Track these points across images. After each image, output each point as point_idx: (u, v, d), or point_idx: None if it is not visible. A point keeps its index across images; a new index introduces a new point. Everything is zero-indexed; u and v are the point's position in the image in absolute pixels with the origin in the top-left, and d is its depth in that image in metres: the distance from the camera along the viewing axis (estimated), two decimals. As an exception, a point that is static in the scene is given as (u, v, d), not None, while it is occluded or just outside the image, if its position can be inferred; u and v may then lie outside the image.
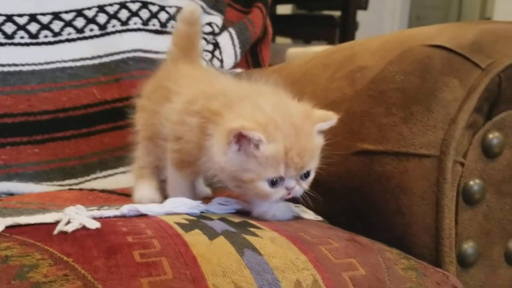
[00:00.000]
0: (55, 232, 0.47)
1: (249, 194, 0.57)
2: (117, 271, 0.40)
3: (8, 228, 0.48)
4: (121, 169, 1.01)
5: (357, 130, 0.59)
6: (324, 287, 0.43)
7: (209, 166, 0.57)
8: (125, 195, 0.75)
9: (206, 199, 0.65)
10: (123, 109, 1.03)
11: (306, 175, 0.55)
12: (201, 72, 0.72)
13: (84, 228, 0.49)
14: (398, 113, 0.56)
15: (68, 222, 0.49)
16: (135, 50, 1.08)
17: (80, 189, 0.79)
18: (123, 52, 1.07)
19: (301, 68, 0.79)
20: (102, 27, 1.07)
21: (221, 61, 1.21)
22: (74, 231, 0.47)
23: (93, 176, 0.99)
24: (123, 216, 0.58)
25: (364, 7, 4.10)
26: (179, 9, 1.14)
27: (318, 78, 0.72)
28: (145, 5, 1.11)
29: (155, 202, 0.65)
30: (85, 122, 1.01)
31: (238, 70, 1.24)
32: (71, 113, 1.00)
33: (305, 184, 0.55)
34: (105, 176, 1.00)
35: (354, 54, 0.69)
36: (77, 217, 0.51)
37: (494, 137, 0.56)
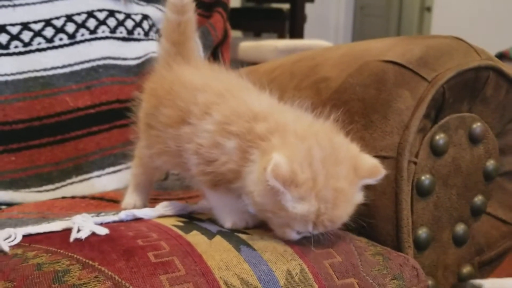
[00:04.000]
0: (71, 239, 0.53)
1: (274, 232, 0.55)
2: (138, 271, 0.47)
3: (24, 237, 0.54)
4: (96, 173, 1.05)
5: (326, 136, 0.68)
6: (310, 274, 0.51)
7: (244, 191, 0.55)
8: (113, 201, 0.81)
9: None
10: (95, 115, 1.07)
11: None
12: (213, 80, 0.63)
13: (93, 234, 0.55)
14: (360, 121, 0.65)
15: (78, 230, 0.55)
16: (104, 58, 1.11)
17: (72, 197, 0.84)
18: (93, 60, 1.10)
19: (268, 75, 0.87)
20: (71, 36, 1.10)
21: (186, 64, 1.27)
22: (86, 238, 0.54)
23: (69, 181, 1.02)
24: (121, 221, 0.64)
25: (311, 0, 4.21)
26: (145, 16, 1.19)
27: (285, 86, 0.80)
28: (112, 14, 1.14)
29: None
30: (60, 129, 1.04)
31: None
32: (45, 121, 1.03)
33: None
34: (80, 181, 1.04)
35: (317, 65, 0.77)
36: (86, 224, 0.57)
37: (440, 138, 0.67)
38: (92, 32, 1.11)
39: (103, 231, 0.55)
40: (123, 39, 1.15)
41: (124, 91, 1.10)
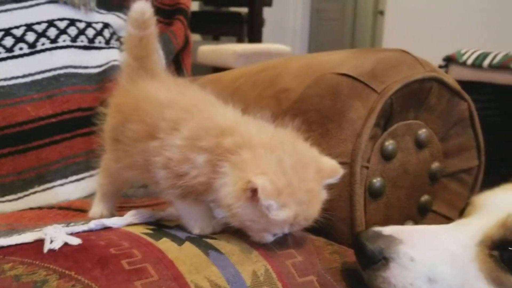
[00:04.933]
0: (45, 250, 0.55)
1: (251, 236, 0.59)
2: (113, 278, 0.49)
3: (-4, 250, 0.55)
4: (59, 182, 1.06)
5: (285, 144, 0.73)
6: (273, 274, 0.56)
7: (217, 203, 0.57)
8: (80, 210, 0.82)
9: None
10: (57, 124, 1.08)
11: None
12: (178, 95, 0.65)
13: (66, 244, 0.57)
14: (317, 130, 0.70)
15: (51, 241, 0.57)
16: (65, 67, 1.12)
17: (40, 208, 0.85)
18: (54, 69, 1.11)
19: (232, 84, 0.91)
20: (31, 45, 1.10)
21: (147, 72, 1.29)
22: (59, 248, 0.56)
23: (32, 190, 1.03)
24: (91, 230, 0.66)
25: (269, 4, 4.29)
26: (105, 25, 1.20)
27: (248, 95, 0.84)
28: (72, 23, 1.15)
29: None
30: (21, 139, 1.04)
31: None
32: (7, 131, 1.03)
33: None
34: (43, 190, 1.04)
35: (278, 76, 0.82)
36: (58, 235, 0.59)
37: (389, 144, 0.73)
38: (53, 41, 1.12)
39: (75, 241, 0.57)
40: (84, 47, 1.16)
41: (86, 100, 1.12)
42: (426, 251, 0.56)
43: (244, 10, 4.01)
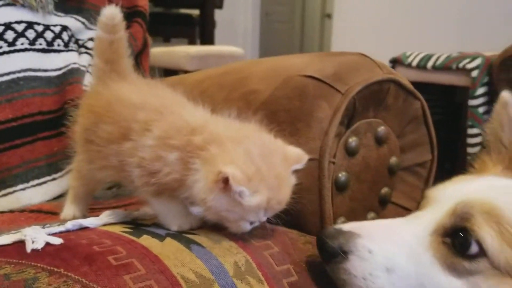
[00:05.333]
0: (28, 250, 0.55)
1: (226, 225, 0.61)
2: (102, 273, 0.51)
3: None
4: (20, 186, 1.04)
5: (256, 143, 0.76)
6: (253, 264, 0.59)
7: (191, 199, 0.59)
8: (51, 213, 0.82)
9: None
10: (18, 128, 1.07)
11: None
12: (150, 96, 0.66)
13: (48, 244, 0.58)
14: (287, 129, 0.74)
15: (32, 241, 0.58)
16: (24, 70, 1.10)
17: (11, 211, 0.84)
18: (13, 73, 1.09)
19: (197, 86, 0.94)
20: (-11, 49, 1.08)
21: (107, 74, 1.29)
22: (42, 248, 0.56)
23: (-8, 195, 1.01)
24: (67, 231, 0.66)
25: (220, 6, 4.31)
26: (64, 27, 1.19)
27: (215, 97, 0.87)
28: (30, 26, 1.13)
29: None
30: (-19, 143, 1.02)
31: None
32: (-33, 135, 1.01)
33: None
34: (4, 195, 1.02)
35: (245, 78, 0.86)
36: (38, 235, 0.59)
37: (352, 141, 0.78)
38: (11, 44, 1.10)
39: (57, 241, 0.58)
40: (43, 50, 1.15)
41: (46, 103, 1.10)
42: (383, 243, 0.60)
43: (195, 12, 4.01)
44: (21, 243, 0.58)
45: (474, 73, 2.43)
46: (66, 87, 1.14)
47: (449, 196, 0.63)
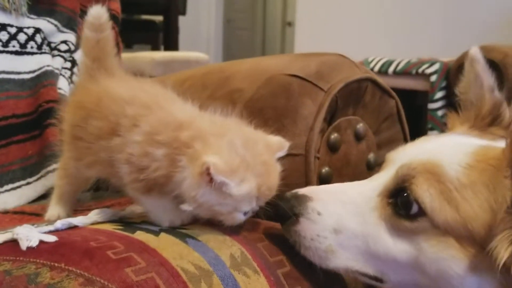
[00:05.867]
0: (24, 248, 0.55)
1: (221, 219, 0.62)
2: (104, 267, 0.51)
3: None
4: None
5: (243, 140, 0.78)
6: (249, 255, 0.61)
7: (181, 197, 0.60)
8: (34, 214, 0.81)
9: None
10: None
11: None
12: (139, 91, 0.67)
13: (42, 242, 0.57)
14: (274, 125, 0.76)
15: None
16: (-2, 72, 1.08)
17: None
18: (-14, 75, 1.07)
19: (180, 86, 0.94)
20: (-39, 51, 1.05)
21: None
22: (37, 246, 0.56)
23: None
24: (56, 230, 0.66)
25: (183, 12, 4.30)
26: (37, 30, 1.18)
27: (198, 96, 0.88)
28: (3, 27, 1.11)
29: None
30: (-46, 146, 0.99)
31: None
32: None
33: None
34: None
35: (228, 77, 0.87)
36: (31, 234, 0.59)
37: (334, 137, 0.81)
38: (-17, 46, 1.08)
39: (51, 238, 0.58)
40: (16, 52, 1.13)
41: (20, 106, 1.09)
42: (332, 205, 0.63)
43: (158, 18, 3.99)
44: (11, 242, 0.58)
45: (433, 78, 2.53)
46: (40, 89, 1.12)
47: (401, 158, 0.64)
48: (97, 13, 0.70)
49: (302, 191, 0.64)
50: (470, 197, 0.56)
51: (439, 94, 2.50)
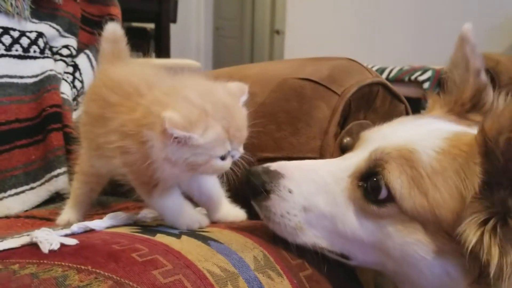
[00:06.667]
0: (46, 251, 0.54)
1: (205, 172, 0.62)
2: (131, 269, 0.51)
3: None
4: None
5: (257, 143, 0.78)
6: (271, 258, 0.60)
7: (162, 169, 0.60)
8: (46, 219, 0.80)
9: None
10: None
11: None
12: (131, 74, 0.69)
13: (62, 245, 0.56)
14: (287, 129, 0.77)
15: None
16: (1, 76, 1.07)
17: (7, 217, 0.80)
18: (-11, 79, 1.05)
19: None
20: (-37, 54, 1.04)
21: (82, 82, 1.27)
22: (58, 249, 0.55)
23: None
24: (73, 234, 0.65)
25: (174, 20, 4.31)
26: (39, 34, 1.17)
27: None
28: (6, 31, 1.10)
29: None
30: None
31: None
32: None
33: (241, 148, 0.63)
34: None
35: (239, 81, 0.87)
36: (51, 237, 0.58)
37: (346, 141, 0.81)
38: (-14, 50, 1.06)
39: (72, 241, 0.57)
40: (19, 56, 1.12)
41: (23, 110, 1.08)
42: (304, 183, 0.63)
43: (149, 25, 3.99)
44: (30, 246, 0.57)
45: (426, 85, 2.56)
46: (43, 94, 1.11)
47: (376, 139, 0.64)
48: (113, 28, 0.76)
49: (273, 166, 0.64)
50: (440, 184, 0.56)
51: (432, 102, 2.53)
